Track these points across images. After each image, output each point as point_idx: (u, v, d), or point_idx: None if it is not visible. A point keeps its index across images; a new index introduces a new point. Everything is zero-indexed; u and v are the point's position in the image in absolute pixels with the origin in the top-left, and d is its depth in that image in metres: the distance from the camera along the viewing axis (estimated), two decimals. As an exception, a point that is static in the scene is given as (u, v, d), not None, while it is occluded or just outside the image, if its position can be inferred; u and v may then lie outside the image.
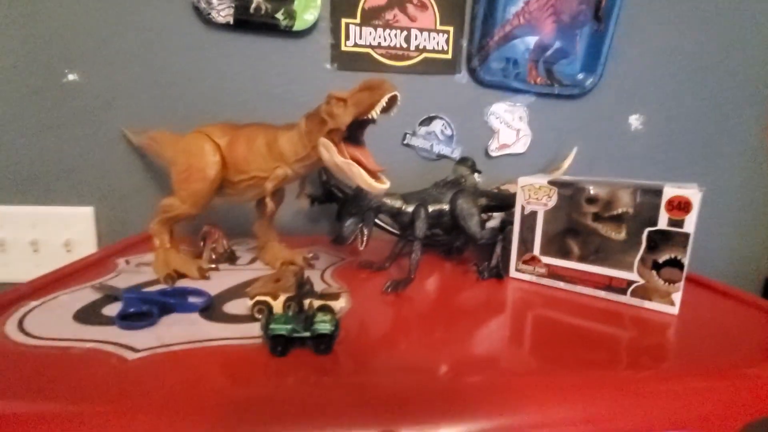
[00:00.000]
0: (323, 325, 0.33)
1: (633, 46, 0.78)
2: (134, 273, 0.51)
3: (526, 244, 0.52)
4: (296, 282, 0.40)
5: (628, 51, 0.78)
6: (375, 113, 0.39)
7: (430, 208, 0.54)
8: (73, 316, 0.38)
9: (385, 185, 0.42)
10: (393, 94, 0.39)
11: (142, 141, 0.63)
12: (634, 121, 0.81)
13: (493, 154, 0.79)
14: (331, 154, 0.43)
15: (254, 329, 0.37)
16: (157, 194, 0.72)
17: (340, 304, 0.39)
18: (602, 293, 0.47)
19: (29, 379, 0.29)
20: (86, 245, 0.72)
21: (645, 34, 0.78)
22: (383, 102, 0.39)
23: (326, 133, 0.43)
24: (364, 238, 0.50)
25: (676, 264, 0.42)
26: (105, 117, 0.69)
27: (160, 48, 0.68)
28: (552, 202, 0.49)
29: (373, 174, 0.42)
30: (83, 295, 0.44)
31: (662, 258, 0.43)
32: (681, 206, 0.41)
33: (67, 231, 0.71)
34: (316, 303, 0.38)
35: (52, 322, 0.37)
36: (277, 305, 0.38)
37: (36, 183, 0.70)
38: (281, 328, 0.32)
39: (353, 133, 0.44)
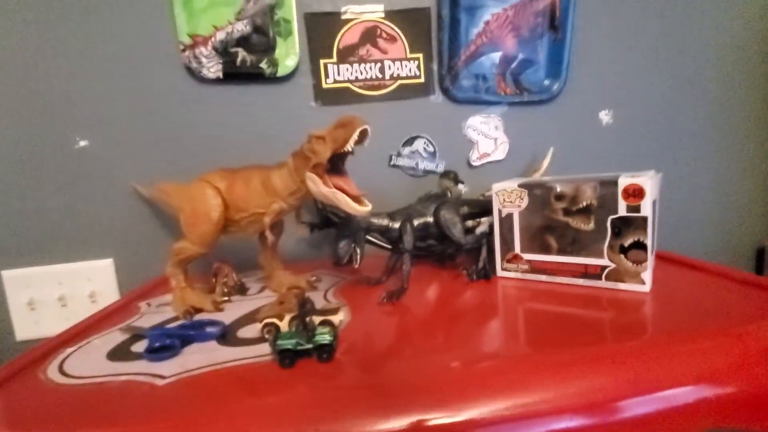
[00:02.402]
0: (323, 336, 0.37)
1: (593, 48, 0.83)
2: (156, 313, 0.56)
3: (507, 244, 0.56)
4: (298, 302, 0.44)
5: (590, 53, 0.83)
6: (350, 146, 0.45)
7: (416, 222, 0.58)
8: (106, 356, 0.43)
9: (367, 207, 0.47)
10: (363, 128, 0.45)
11: (152, 193, 0.69)
12: (604, 116, 0.86)
13: (475, 163, 0.84)
14: (317, 185, 0.48)
15: (266, 349, 0.41)
16: (169, 239, 0.78)
17: (339, 318, 0.43)
18: (580, 281, 0.51)
19: (74, 412, 0.33)
20: (109, 295, 0.77)
21: (603, 35, 0.83)
22: (355, 136, 0.45)
23: (311, 167, 0.49)
24: (358, 257, 0.55)
25: (640, 246, 0.46)
26: (115, 175, 0.76)
27: (159, 107, 0.75)
28: (524, 203, 0.54)
29: (356, 198, 0.47)
30: (113, 337, 0.49)
31: (627, 242, 0.47)
32: (635, 193, 0.45)
33: (91, 283, 0.77)
34: (317, 319, 0.42)
35: (89, 362, 0.42)
36: (283, 325, 0.43)
37: (58, 242, 0.76)
38: (287, 343, 0.37)
39: (335, 165, 0.49)
